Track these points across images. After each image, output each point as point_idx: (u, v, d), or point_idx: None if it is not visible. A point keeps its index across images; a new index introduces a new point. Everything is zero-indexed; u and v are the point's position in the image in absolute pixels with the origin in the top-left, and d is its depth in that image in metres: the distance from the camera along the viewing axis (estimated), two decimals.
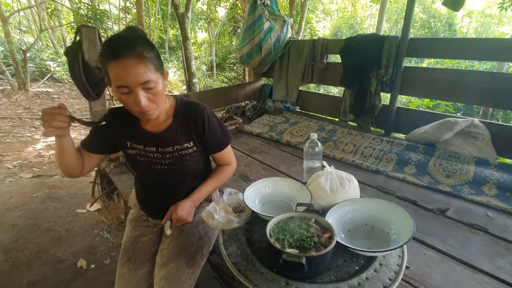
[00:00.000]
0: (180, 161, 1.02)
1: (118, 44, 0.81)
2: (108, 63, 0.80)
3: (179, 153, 1.01)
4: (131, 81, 0.80)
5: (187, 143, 1.01)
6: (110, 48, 0.81)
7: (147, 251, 1.08)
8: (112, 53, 0.80)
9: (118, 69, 0.80)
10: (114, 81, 0.81)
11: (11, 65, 6.68)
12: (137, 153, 1.02)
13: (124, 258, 1.05)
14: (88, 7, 6.28)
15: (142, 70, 0.81)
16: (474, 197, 1.46)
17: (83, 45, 1.91)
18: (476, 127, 1.86)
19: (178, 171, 1.04)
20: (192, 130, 1.01)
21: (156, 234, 1.14)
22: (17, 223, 2.05)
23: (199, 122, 1.00)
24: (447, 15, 13.40)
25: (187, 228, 1.08)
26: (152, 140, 1.00)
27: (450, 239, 1.19)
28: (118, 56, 0.79)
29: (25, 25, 12.01)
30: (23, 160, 3.28)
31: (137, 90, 0.82)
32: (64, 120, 0.81)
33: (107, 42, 0.84)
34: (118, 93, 0.83)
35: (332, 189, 1.00)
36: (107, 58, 0.81)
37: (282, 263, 0.70)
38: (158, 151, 1.00)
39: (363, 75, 2.28)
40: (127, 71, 0.79)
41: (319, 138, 2.14)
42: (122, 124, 1.00)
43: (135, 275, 1.02)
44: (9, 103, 5.62)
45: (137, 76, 0.80)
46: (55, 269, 1.70)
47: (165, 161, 1.02)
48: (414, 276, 1.00)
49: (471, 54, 2.05)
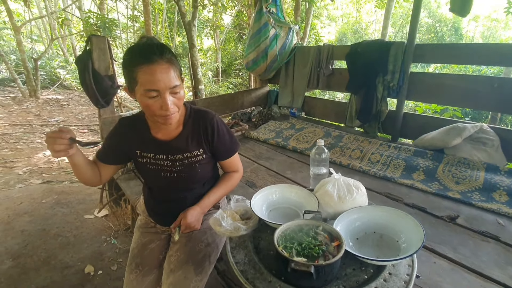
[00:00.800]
0: (189, 169, 1.03)
1: (150, 50, 0.83)
2: (139, 68, 0.82)
3: (188, 160, 1.02)
4: (162, 85, 0.83)
5: (197, 151, 1.02)
6: (141, 53, 0.84)
7: (155, 258, 1.09)
8: (144, 58, 0.82)
9: (150, 74, 0.82)
10: (144, 85, 0.83)
11: (22, 73, 6.84)
12: (147, 161, 1.03)
13: (132, 264, 1.06)
14: (97, 16, 6.43)
15: (172, 75, 0.85)
16: (485, 204, 1.43)
17: (93, 54, 1.95)
18: (485, 132, 1.84)
19: (187, 178, 1.05)
20: (202, 138, 1.02)
21: (164, 241, 1.14)
22: (26, 229, 2.08)
23: (209, 129, 1.02)
24: (453, 19, 13.32)
25: (194, 235, 1.08)
26: (163, 147, 1.01)
27: (461, 247, 1.17)
28: (151, 61, 0.82)
29: (36, 34, 12.33)
30: (33, 166, 3.33)
31: (165, 94, 0.84)
32: (64, 143, 0.85)
33: (136, 48, 0.86)
34: (145, 97, 0.85)
35: (339, 196, 1.00)
36: (137, 63, 0.82)
37: (290, 272, 0.70)
38: (168, 158, 1.01)
39: (369, 80, 2.28)
40: (159, 75, 0.82)
41: (326, 144, 2.13)
42: (132, 133, 1.02)
43: (143, 282, 1.03)
44: (20, 110, 5.75)
45: (168, 80, 0.84)
46: (63, 274, 1.71)
47: (175, 168, 1.03)
48: (424, 285, 0.98)
49: (478, 59, 2.03)
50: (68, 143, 0.86)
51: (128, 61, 0.85)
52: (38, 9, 11.14)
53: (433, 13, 13.68)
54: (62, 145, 0.84)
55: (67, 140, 0.85)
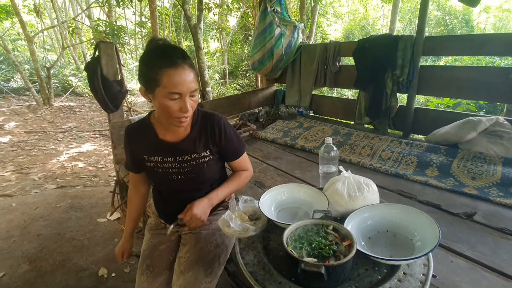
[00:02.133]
0: (197, 170, 1.04)
1: (174, 54, 0.86)
2: (164, 71, 0.84)
3: (196, 161, 1.03)
4: (185, 89, 0.86)
5: (204, 152, 1.03)
6: (165, 56, 0.86)
7: (165, 259, 1.09)
8: (169, 61, 0.85)
9: (175, 77, 0.85)
10: (168, 87, 0.85)
11: (36, 82, 7.05)
12: (153, 165, 1.04)
13: (143, 266, 1.07)
14: (106, 23, 6.57)
15: (193, 79, 0.89)
16: (503, 200, 1.37)
17: (102, 60, 1.99)
18: (501, 125, 1.77)
19: (195, 179, 1.05)
20: (209, 139, 1.04)
21: (174, 242, 1.15)
22: (42, 233, 2.13)
23: (216, 131, 1.03)
24: (463, 11, 12.96)
25: (204, 236, 1.08)
26: (170, 150, 1.01)
27: (479, 245, 1.12)
28: (176, 65, 0.85)
29: (48, 44, 12.72)
30: (47, 171, 3.42)
31: (186, 97, 0.88)
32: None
33: (159, 51, 0.88)
34: (166, 98, 0.87)
35: (350, 195, 0.97)
36: (162, 66, 0.84)
37: (300, 273, 0.69)
38: (176, 160, 1.02)
39: (377, 76, 2.23)
40: (183, 79, 0.86)
41: (334, 142, 2.10)
42: (138, 138, 1.04)
43: (154, 283, 1.03)
44: (34, 117, 5.93)
45: (190, 84, 0.88)
46: (78, 277, 1.74)
47: (183, 170, 1.03)
48: (442, 286, 0.94)
49: (491, 50, 1.96)
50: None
51: (151, 63, 0.87)
52: (50, 20, 11.48)
53: (442, 6, 13.36)
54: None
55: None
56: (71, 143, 4.59)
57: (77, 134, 5.03)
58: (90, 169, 3.58)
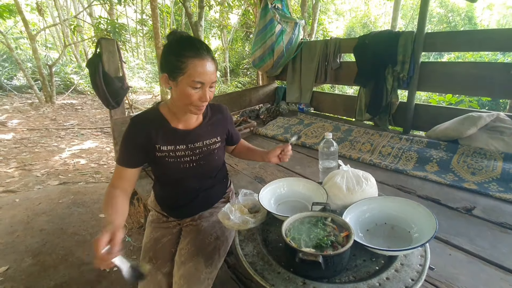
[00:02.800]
0: (208, 156, 1.09)
1: (200, 46, 0.92)
2: (190, 60, 0.89)
3: (208, 148, 1.09)
4: (208, 79, 0.92)
5: (215, 138, 1.11)
6: (192, 47, 0.91)
7: (167, 251, 1.10)
8: (196, 52, 0.90)
9: (200, 67, 0.90)
10: (192, 76, 0.90)
11: (38, 80, 7.08)
12: (165, 155, 1.04)
13: (145, 259, 1.08)
14: (107, 21, 6.58)
15: (214, 71, 0.95)
16: (503, 195, 1.38)
17: (103, 57, 1.99)
18: (502, 121, 1.77)
19: (205, 166, 1.10)
20: (220, 126, 1.14)
21: (176, 234, 1.16)
22: (45, 228, 2.15)
23: (226, 118, 1.16)
24: (466, 8, 12.87)
25: (204, 228, 1.10)
26: (183, 137, 1.05)
27: (478, 239, 1.13)
28: (202, 56, 0.91)
29: (50, 42, 12.74)
30: (50, 168, 3.45)
31: (207, 87, 0.94)
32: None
33: (185, 41, 0.93)
34: (189, 87, 0.91)
35: (348, 188, 0.98)
36: (189, 55, 0.89)
37: (298, 262, 0.70)
38: (188, 148, 1.05)
39: (378, 72, 2.23)
40: (207, 70, 0.91)
41: (335, 138, 2.11)
42: (149, 128, 1.02)
43: (156, 275, 1.04)
44: (37, 115, 5.96)
45: (213, 75, 0.94)
46: (80, 271, 1.76)
47: (195, 157, 1.07)
48: (440, 278, 0.95)
49: (494, 46, 1.96)
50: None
51: (179, 52, 0.91)
52: (52, 18, 11.50)
53: (445, 3, 13.26)
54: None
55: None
56: (73, 140, 4.61)
57: (79, 132, 5.06)
58: (92, 166, 3.60)
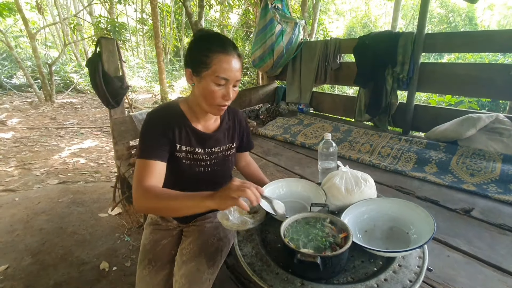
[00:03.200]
0: (223, 162, 1.08)
1: (227, 42, 0.91)
2: (216, 55, 0.88)
3: (223, 153, 1.07)
4: (233, 75, 0.90)
5: (231, 144, 1.09)
6: (219, 42, 0.90)
7: (167, 253, 1.10)
8: (223, 47, 0.89)
9: (226, 63, 0.88)
10: (217, 71, 0.88)
11: (38, 79, 7.08)
12: (183, 156, 1.00)
13: (144, 261, 1.07)
14: (107, 20, 6.57)
15: (240, 69, 0.93)
16: (502, 196, 1.38)
17: (103, 56, 2.00)
18: (501, 122, 1.77)
19: (219, 172, 1.08)
20: (236, 132, 1.12)
21: (176, 237, 1.15)
22: (44, 227, 2.16)
23: (242, 124, 1.14)
24: (467, 8, 12.86)
25: (207, 229, 1.09)
26: (203, 140, 1.02)
27: (477, 240, 1.13)
28: (228, 52, 0.89)
29: (50, 41, 12.74)
30: (49, 167, 3.45)
31: (231, 85, 0.92)
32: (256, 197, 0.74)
33: (212, 37, 0.92)
34: (213, 83, 0.89)
35: (347, 189, 0.99)
36: (216, 50, 0.88)
37: (296, 263, 0.70)
38: (206, 152, 1.03)
39: (378, 73, 2.23)
40: (232, 66, 0.90)
41: (334, 139, 2.11)
42: (172, 125, 0.97)
43: (156, 277, 1.04)
44: (36, 114, 5.96)
45: (238, 73, 0.92)
46: (80, 270, 1.76)
47: (211, 161, 1.05)
48: (438, 279, 0.95)
49: (494, 47, 1.95)
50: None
51: (204, 47, 0.89)
52: (52, 17, 11.49)
53: (446, 3, 13.25)
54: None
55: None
56: (72, 139, 4.62)
57: (79, 131, 5.06)
58: (91, 165, 3.61)
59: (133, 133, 2.19)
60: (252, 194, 0.73)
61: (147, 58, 13.78)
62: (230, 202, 0.73)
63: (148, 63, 12.27)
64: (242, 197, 0.73)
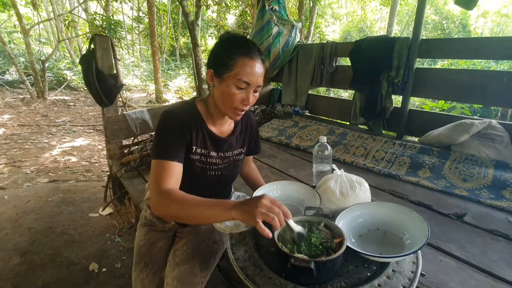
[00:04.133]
0: (233, 166, 1.07)
1: (252, 46, 0.89)
2: (240, 57, 0.86)
3: (234, 158, 1.06)
4: (254, 80, 0.88)
5: (242, 149, 1.08)
6: (244, 45, 0.88)
7: (163, 256, 1.07)
8: (249, 51, 0.87)
9: (250, 67, 0.87)
10: (240, 74, 0.86)
11: (31, 75, 6.97)
12: (197, 158, 0.98)
13: (140, 263, 1.04)
14: (102, 17, 6.50)
15: (262, 74, 0.91)
16: (494, 202, 1.39)
17: (97, 53, 1.97)
18: (494, 128, 1.79)
19: (228, 177, 1.07)
20: (247, 137, 1.10)
21: (171, 238, 1.12)
22: (33, 226, 2.11)
23: (253, 128, 1.12)
24: (461, 16, 13.10)
25: (202, 231, 1.08)
26: (217, 144, 1.00)
27: (469, 245, 1.14)
28: (253, 56, 0.87)
29: (44, 37, 12.55)
30: (40, 165, 3.38)
31: (251, 90, 0.90)
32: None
33: (238, 40, 0.91)
34: (234, 86, 0.87)
35: (342, 193, 0.98)
36: (241, 53, 0.86)
37: (290, 268, 0.69)
38: (219, 156, 1.01)
39: (373, 77, 2.24)
40: (255, 71, 0.88)
41: (329, 142, 2.11)
42: (191, 126, 0.95)
43: (154, 280, 1.02)
44: (28, 111, 5.85)
45: (260, 78, 0.90)
46: (68, 271, 1.72)
47: (222, 165, 1.03)
48: (431, 284, 0.95)
49: (487, 54, 1.98)
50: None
51: (230, 49, 0.88)
52: (46, 13, 11.33)
53: (440, 10, 13.48)
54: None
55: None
56: (64, 137, 4.54)
57: (71, 129, 4.98)
58: (83, 163, 3.55)
59: (126, 132, 2.16)
60: (277, 223, 0.68)
61: (142, 56, 13.68)
62: (253, 222, 0.68)
63: (143, 61, 12.18)
64: (267, 221, 0.68)
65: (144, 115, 2.23)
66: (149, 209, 1.14)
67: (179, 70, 11.51)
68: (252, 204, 0.69)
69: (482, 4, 14.48)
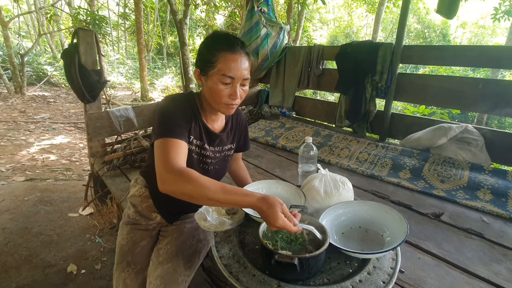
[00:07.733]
0: (223, 162, 1.08)
1: (234, 41, 0.89)
2: (221, 53, 0.86)
3: (224, 153, 1.07)
4: (238, 74, 0.88)
5: (231, 145, 1.09)
6: (225, 41, 0.89)
7: (147, 255, 1.04)
8: (228, 46, 0.87)
9: (231, 61, 0.86)
10: (222, 70, 0.86)
11: (8, 69, 6.66)
12: (194, 149, 0.98)
13: (122, 263, 1.01)
14: (87, 12, 6.32)
15: (247, 67, 0.91)
16: (469, 202, 1.46)
17: (80, 48, 1.91)
18: (470, 132, 1.88)
19: (218, 172, 1.08)
20: (237, 133, 1.12)
21: (155, 237, 1.10)
22: (7, 227, 2.01)
23: (243, 126, 1.14)
24: (441, 25, 13.68)
25: (187, 229, 1.06)
26: (212, 138, 1.02)
27: (445, 243, 1.19)
28: (234, 50, 0.87)
29: (24, 30, 12.04)
30: (16, 163, 3.23)
31: (237, 84, 0.89)
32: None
33: (220, 36, 0.91)
34: (219, 82, 0.88)
35: (326, 192, 1.00)
36: (221, 49, 0.87)
37: (274, 265, 0.69)
38: (211, 150, 1.02)
39: (358, 81, 2.30)
40: (238, 64, 0.87)
41: (315, 143, 2.14)
42: (190, 115, 0.95)
43: (137, 280, 0.99)
44: (5, 106, 5.58)
45: (244, 71, 0.89)
46: (45, 273, 1.65)
47: (214, 160, 1.04)
48: (409, 280, 0.99)
49: (465, 61, 2.08)
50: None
51: (211, 46, 0.89)
52: (27, 5, 10.88)
53: (422, 19, 14.02)
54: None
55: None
56: (43, 134, 4.36)
57: (50, 126, 4.79)
58: (63, 162, 3.42)
59: (109, 129, 2.11)
60: (293, 231, 0.73)
61: (128, 54, 13.38)
62: (273, 228, 0.73)
63: (129, 59, 11.91)
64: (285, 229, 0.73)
65: (128, 113, 2.18)
66: (133, 207, 1.11)
67: (166, 69, 11.34)
68: (270, 213, 0.71)
69: (461, 15, 15.18)
